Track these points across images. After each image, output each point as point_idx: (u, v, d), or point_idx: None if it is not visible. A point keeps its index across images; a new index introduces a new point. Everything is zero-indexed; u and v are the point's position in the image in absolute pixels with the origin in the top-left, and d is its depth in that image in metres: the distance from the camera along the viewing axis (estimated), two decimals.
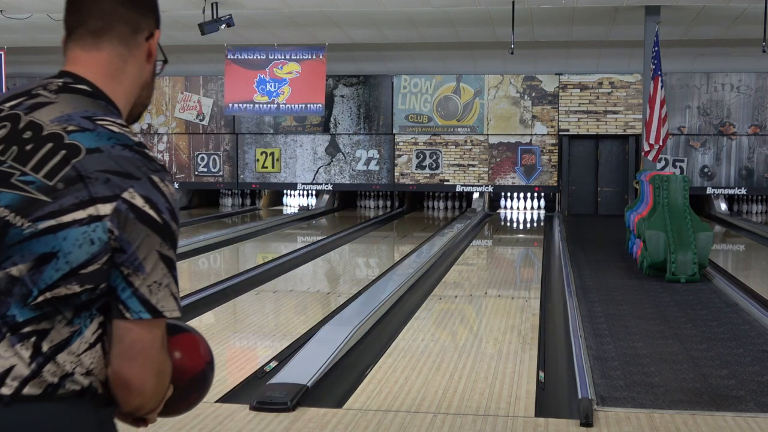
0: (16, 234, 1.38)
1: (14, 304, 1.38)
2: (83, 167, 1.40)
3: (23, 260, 1.38)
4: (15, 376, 1.38)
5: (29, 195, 1.39)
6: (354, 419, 4.22)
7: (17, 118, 1.46)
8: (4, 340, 1.38)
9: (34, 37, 14.45)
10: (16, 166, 1.42)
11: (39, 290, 1.37)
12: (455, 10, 12.09)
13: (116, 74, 1.57)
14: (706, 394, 4.71)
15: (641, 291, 8.08)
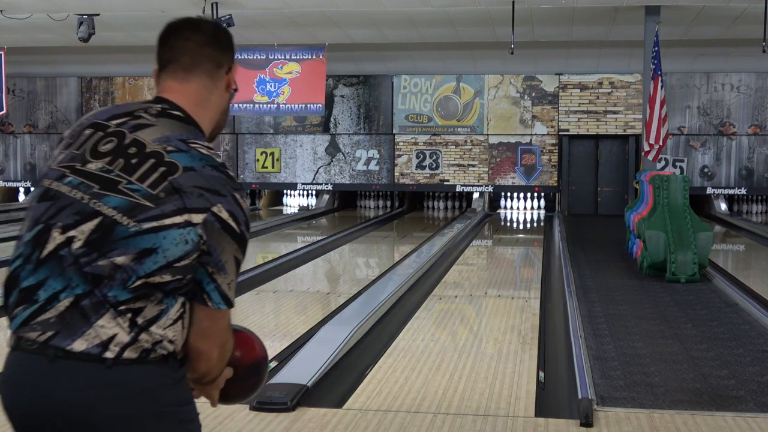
0: (122, 231, 1.71)
1: (116, 287, 1.70)
2: (180, 183, 1.73)
3: (126, 252, 1.70)
4: (117, 343, 1.70)
5: (135, 200, 1.72)
6: (354, 419, 4.22)
7: (123, 135, 1.80)
8: (107, 314, 1.70)
9: (34, 37, 14.45)
10: (123, 175, 1.75)
11: (138, 277, 1.70)
12: (455, 10, 12.09)
13: (203, 103, 1.91)
14: (706, 394, 4.71)
15: (641, 291, 8.08)
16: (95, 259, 1.70)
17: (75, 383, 1.69)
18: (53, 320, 1.71)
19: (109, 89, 18.38)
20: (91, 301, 1.70)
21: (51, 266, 1.74)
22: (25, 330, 1.73)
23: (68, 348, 1.70)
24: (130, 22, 13.20)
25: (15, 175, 18.95)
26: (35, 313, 1.73)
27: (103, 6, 11.84)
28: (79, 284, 1.71)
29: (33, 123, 18.76)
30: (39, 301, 1.73)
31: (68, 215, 1.75)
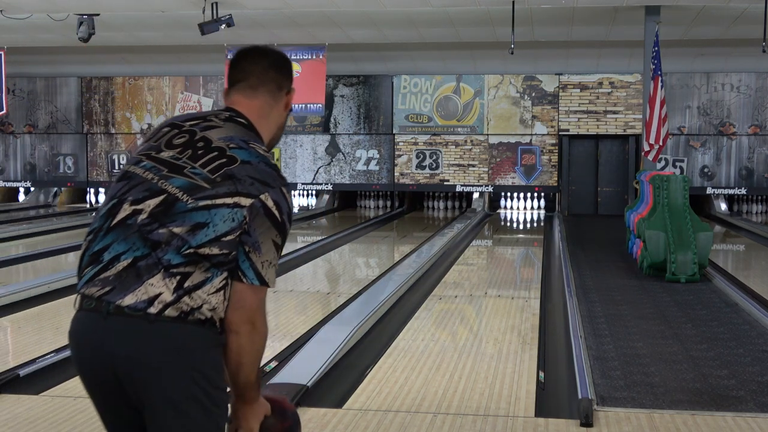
0: (182, 206, 2.00)
1: (171, 251, 1.97)
2: (235, 171, 2.03)
3: (183, 224, 1.98)
4: (161, 301, 1.95)
5: (195, 182, 2.02)
6: (354, 419, 4.21)
7: (194, 133, 2.12)
8: (159, 275, 1.96)
9: (34, 37, 14.45)
10: (189, 162, 2.06)
11: (190, 246, 1.97)
12: (455, 10, 12.09)
13: (264, 116, 2.24)
14: (706, 394, 4.71)
15: (641, 291, 8.08)
16: (156, 228, 1.98)
17: (122, 337, 1.95)
18: (112, 278, 1.99)
19: (109, 89, 18.38)
20: (147, 263, 1.97)
21: (118, 233, 2.03)
22: (87, 287, 2.03)
23: (119, 302, 1.97)
24: (130, 22, 13.20)
25: (15, 175, 18.95)
26: (98, 272, 2.02)
27: (103, 6, 11.84)
28: (140, 248, 1.99)
29: (33, 123, 18.76)
30: (103, 262, 2.02)
31: (139, 192, 2.05)
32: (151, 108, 18.22)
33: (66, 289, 7.93)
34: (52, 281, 8.04)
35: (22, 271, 9.44)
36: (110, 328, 1.97)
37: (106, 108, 18.40)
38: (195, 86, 18.04)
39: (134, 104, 18.30)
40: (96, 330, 1.99)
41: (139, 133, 18.27)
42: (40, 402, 4.49)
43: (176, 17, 12.71)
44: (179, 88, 18.08)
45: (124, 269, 1.99)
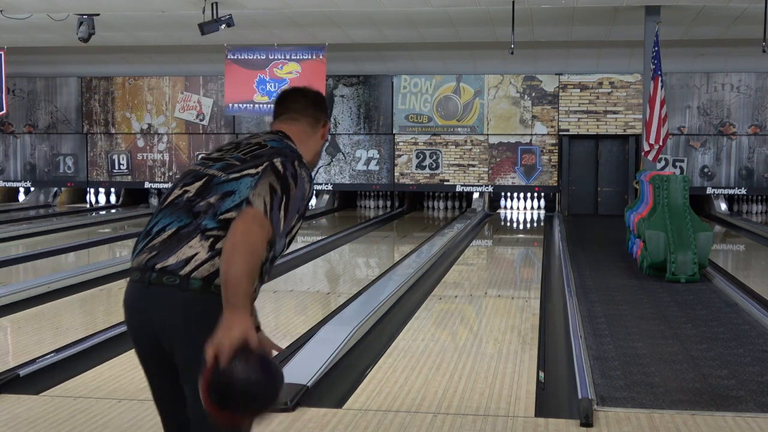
0: (217, 180, 2.44)
1: (208, 218, 2.38)
2: (262, 152, 2.48)
3: (216, 194, 2.40)
4: (197, 260, 2.34)
5: (229, 162, 2.48)
6: (354, 419, 4.22)
7: (240, 142, 2.59)
8: (196, 237, 2.36)
9: (34, 37, 14.45)
10: (230, 153, 2.53)
11: (221, 212, 2.37)
12: (455, 10, 12.09)
13: (304, 141, 2.65)
14: (706, 394, 4.71)
15: (641, 291, 8.08)
16: (199, 201, 2.41)
17: (159, 303, 2.36)
18: (158, 245, 2.40)
19: (109, 89, 18.38)
20: (188, 229, 2.38)
21: (167, 210, 2.46)
22: (137, 257, 2.45)
23: (161, 265, 2.36)
24: (130, 22, 13.20)
25: (15, 175, 18.95)
26: (147, 242, 2.43)
27: (103, 6, 11.84)
28: (183, 218, 2.40)
29: (33, 123, 18.76)
30: (152, 234, 2.44)
31: (188, 179, 2.51)
32: (151, 108, 18.22)
33: (66, 289, 7.93)
34: (52, 281, 8.04)
35: (22, 271, 9.44)
36: (151, 297, 2.37)
37: (106, 108, 18.40)
38: (195, 86, 18.04)
39: (134, 104, 18.30)
40: (140, 299, 2.40)
41: (139, 133, 18.27)
42: (40, 402, 4.49)
43: (176, 17, 12.70)
44: (179, 88, 18.08)
45: (168, 237, 2.40)
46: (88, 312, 7.27)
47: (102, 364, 5.28)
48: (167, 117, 18.17)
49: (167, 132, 18.18)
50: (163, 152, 18.23)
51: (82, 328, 6.38)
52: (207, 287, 2.34)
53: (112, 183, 18.63)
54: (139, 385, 4.81)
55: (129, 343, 5.83)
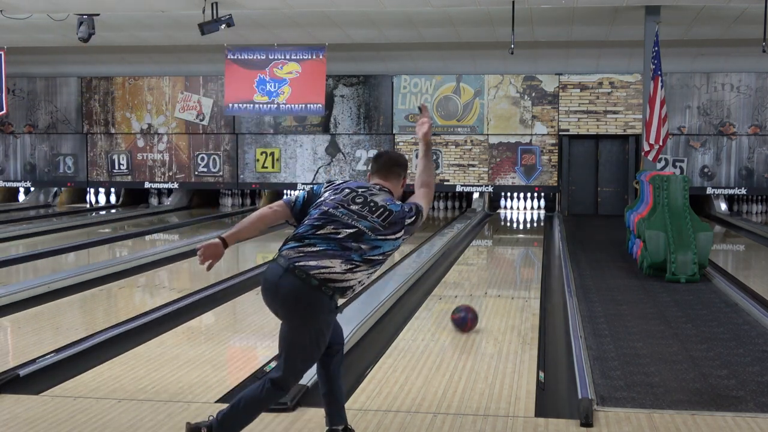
0: (367, 237, 3.58)
1: (355, 254, 3.54)
2: (394, 219, 3.64)
3: (366, 244, 3.57)
4: (330, 271, 3.50)
5: (374, 226, 3.60)
6: (354, 419, 4.22)
7: (365, 197, 3.69)
8: (339, 260, 3.52)
9: (34, 37, 14.45)
10: (369, 214, 3.62)
11: (367, 255, 3.57)
12: (455, 10, 12.09)
13: (393, 190, 3.83)
14: (706, 394, 4.71)
15: (641, 291, 8.08)
16: (350, 242, 3.55)
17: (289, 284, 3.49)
18: (303, 252, 3.52)
19: (109, 89, 18.38)
20: (334, 253, 3.52)
21: (319, 237, 3.56)
22: (287, 251, 3.55)
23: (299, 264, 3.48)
24: (130, 22, 13.20)
25: (15, 175, 18.95)
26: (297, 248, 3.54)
27: (103, 6, 11.85)
28: (334, 247, 3.53)
29: (33, 123, 18.76)
30: (303, 243, 3.55)
31: (338, 225, 3.59)
32: (151, 108, 18.22)
33: (66, 289, 7.93)
34: (52, 281, 8.05)
35: (22, 271, 9.44)
36: (285, 276, 3.48)
37: (106, 108, 18.40)
38: (195, 86, 18.04)
39: (134, 104, 18.30)
40: (275, 274, 3.51)
41: (139, 133, 18.27)
42: (40, 402, 4.49)
43: (176, 17, 12.71)
44: (179, 88, 18.08)
45: (315, 251, 3.51)
46: (88, 312, 7.28)
47: (102, 364, 5.28)
48: (167, 117, 18.17)
49: (167, 132, 18.18)
50: (163, 152, 18.23)
51: (82, 328, 6.38)
52: (320, 286, 3.48)
53: (112, 183, 18.63)
54: (139, 385, 4.81)
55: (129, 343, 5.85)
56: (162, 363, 5.34)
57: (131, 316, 6.76)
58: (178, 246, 11.39)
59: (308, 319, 3.51)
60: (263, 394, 3.52)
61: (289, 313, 3.53)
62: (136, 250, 11.34)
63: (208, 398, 4.58)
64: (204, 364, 5.33)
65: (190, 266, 10.06)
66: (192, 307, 7.19)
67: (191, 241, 11.69)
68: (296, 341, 3.53)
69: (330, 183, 3.80)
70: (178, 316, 6.83)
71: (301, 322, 3.52)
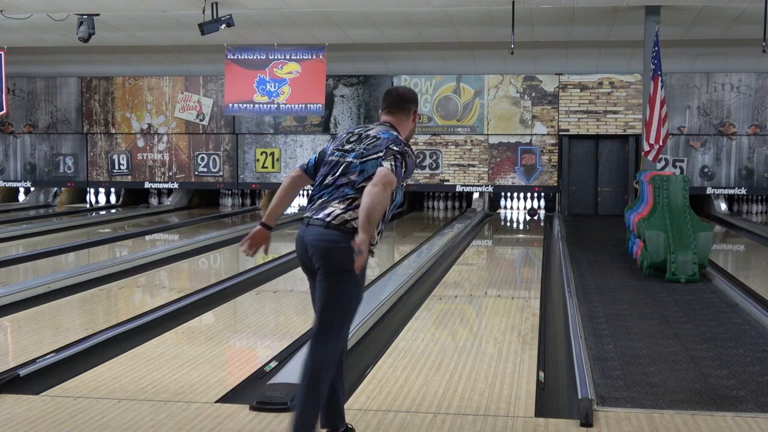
0: (354, 165, 3.70)
1: (347, 188, 3.66)
2: (379, 143, 3.73)
3: (353, 173, 3.68)
4: (334, 215, 3.61)
5: (360, 151, 3.72)
6: (354, 419, 4.22)
7: (360, 134, 3.83)
8: (337, 201, 3.64)
9: (34, 37, 14.45)
10: (357, 145, 3.76)
11: (357, 183, 3.65)
12: (455, 10, 12.09)
13: (400, 125, 3.92)
14: (706, 394, 4.71)
15: (641, 291, 8.08)
16: (340, 179, 3.68)
17: (313, 234, 3.63)
18: (316, 207, 3.69)
19: (109, 89, 18.38)
20: (333, 197, 3.66)
21: (322, 189, 3.74)
22: (307, 213, 3.71)
23: (315, 217, 3.65)
24: (130, 22, 13.20)
25: (15, 175, 18.95)
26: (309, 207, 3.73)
27: (103, 6, 11.85)
28: (332, 192, 3.68)
29: (33, 123, 18.76)
30: (315, 201, 3.72)
31: (334, 168, 3.75)
32: (151, 108, 18.22)
33: (66, 289, 7.94)
34: (52, 281, 8.05)
35: (22, 271, 9.44)
36: (308, 230, 3.66)
37: (106, 108, 18.41)
38: (195, 86, 18.04)
39: (134, 104, 18.30)
40: (304, 231, 3.68)
41: (139, 133, 18.27)
42: (40, 402, 4.49)
43: (176, 17, 12.71)
44: (179, 88, 18.08)
45: (321, 202, 3.68)
46: (88, 312, 7.28)
47: (102, 364, 5.28)
48: (167, 117, 18.17)
49: (167, 132, 18.18)
50: (163, 152, 18.23)
51: (82, 328, 6.38)
52: (338, 227, 3.59)
53: (112, 183, 18.63)
54: (139, 385, 4.82)
55: (129, 343, 5.85)
56: (162, 363, 5.34)
57: (131, 316, 6.76)
58: (178, 246, 11.39)
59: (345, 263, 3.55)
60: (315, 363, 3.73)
61: (324, 260, 3.61)
62: (136, 250, 11.34)
63: (208, 398, 4.58)
64: (204, 364, 5.33)
65: (190, 266, 10.06)
66: (192, 307, 7.19)
67: (191, 241, 11.69)
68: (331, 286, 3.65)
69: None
70: (178, 316, 6.83)
71: (339, 267, 3.59)
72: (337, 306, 3.72)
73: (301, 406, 3.60)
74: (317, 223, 3.62)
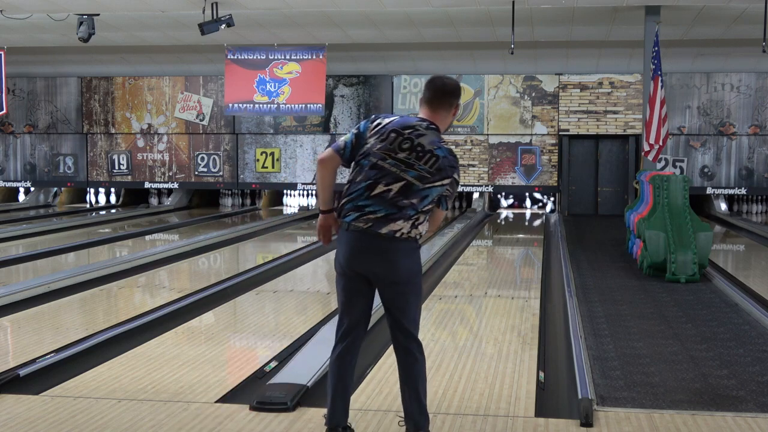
0: (416, 188, 3.63)
1: (410, 210, 3.63)
2: (441, 165, 3.66)
3: (415, 197, 3.64)
4: (401, 231, 3.63)
5: (423, 174, 3.64)
6: (354, 419, 4.21)
7: (412, 140, 3.66)
8: (401, 220, 3.62)
9: (34, 37, 14.45)
10: (416, 162, 3.64)
11: (420, 208, 3.66)
12: (455, 10, 12.09)
13: (440, 121, 3.78)
14: (706, 394, 4.71)
15: (641, 291, 8.08)
16: (402, 200, 3.62)
17: (378, 246, 3.63)
18: (371, 220, 3.61)
19: (109, 89, 18.38)
20: (396, 216, 3.61)
21: (374, 199, 3.63)
22: (355, 222, 3.63)
23: (378, 230, 3.60)
24: (130, 22, 13.20)
25: (15, 175, 18.95)
26: (361, 216, 3.63)
27: (103, 6, 11.85)
28: (390, 209, 3.61)
29: (33, 123, 18.76)
30: (364, 211, 3.62)
31: (388, 178, 3.63)
32: (151, 108, 18.23)
33: (66, 289, 7.94)
34: (52, 281, 8.05)
35: (22, 271, 9.44)
36: (370, 240, 3.62)
37: (106, 108, 18.41)
38: (195, 86, 18.04)
39: (134, 104, 18.30)
40: (360, 240, 3.63)
41: (139, 133, 18.27)
42: (40, 402, 4.49)
43: (176, 17, 12.71)
44: (179, 88, 18.08)
45: (380, 217, 3.61)
46: (88, 312, 7.28)
47: (102, 364, 5.28)
48: (167, 117, 18.18)
49: (167, 132, 18.19)
50: (163, 152, 18.23)
51: (82, 328, 6.38)
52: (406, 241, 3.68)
53: (112, 183, 18.64)
54: (139, 385, 4.82)
55: (129, 343, 5.85)
56: (162, 363, 5.34)
57: (131, 316, 6.76)
58: (178, 246, 11.39)
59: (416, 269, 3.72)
60: (421, 357, 3.75)
61: (399, 271, 3.65)
62: (136, 250, 11.34)
63: (208, 398, 4.58)
64: (204, 364, 5.33)
65: (190, 266, 10.06)
66: (192, 307, 7.19)
67: (191, 241, 11.69)
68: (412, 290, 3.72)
69: (374, 121, 3.71)
70: (178, 316, 6.83)
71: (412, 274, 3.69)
72: (419, 304, 3.81)
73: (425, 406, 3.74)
74: (384, 236, 3.61)
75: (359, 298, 3.72)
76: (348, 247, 3.66)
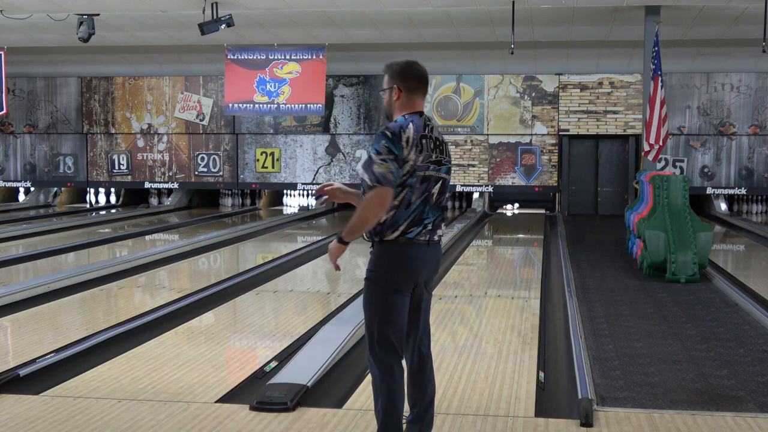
0: (447, 182, 3.66)
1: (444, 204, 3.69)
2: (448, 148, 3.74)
3: (448, 191, 3.69)
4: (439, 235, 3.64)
5: (449, 166, 3.69)
6: (354, 419, 4.21)
7: (435, 138, 3.61)
8: (443, 221, 3.69)
9: (34, 37, 14.45)
10: (442, 157, 3.63)
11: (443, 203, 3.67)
12: (455, 10, 12.09)
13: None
14: (706, 394, 4.71)
15: (641, 291, 8.08)
16: (443, 199, 3.66)
17: (436, 254, 3.64)
18: (429, 230, 3.57)
19: (109, 89, 18.38)
20: (439, 218, 3.64)
21: (430, 209, 3.59)
22: (417, 236, 3.53)
23: (433, 239, 3.59)
24: (130, 22, 13.20)
25: (15, 175, 18.95)
26: (422, 230, 3.55)
27: (103, 6, 11.85)
28: (436, 212, 3.62)
29: (33, 123, 18.76)
30: (425, 223, 3.56)
31: (431, 183, 3.57)
32: (151, 108, 18.22)
33: (66, 289, 7.93)
34: (52, 281, 8.05)
35: (22, 271, 9.44)
36: (434, 251, 3.62)
37: (106, 108, 18.41)
38: (195, 86, 18.04)
39: (134, 104, 18.30)
40: (425, 251, 3.56)
41: (139, 133, 18.27)
42: (40, 402, 4.49)
43: (176, 17, 12.71)
44: (179, 88, 18.08)
45: (433, 222, 3.59)
46: (88, 312, 7.28)
47: (102, 364, 5.28)
48: (167, 117, 18.17)
49: (167, 132, 18.19)
50: (163, 152, 18.23)
51: (82, 328, 6.38)
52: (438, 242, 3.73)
53: (112, 183, 18.64)
54: (139, 385, 4.82)
55: (129, 343, 5.85)
56: (162, 363, 5.34)
57: (131, 316, 6.76)
58: (178, 246, 11.39)
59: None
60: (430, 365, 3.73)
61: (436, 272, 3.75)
62: (136, 250, 11.34)
63: (208, 398, 4.58)
64: (204, 364, 5.33)
65: (190, 266, 10.06)
66: (192, 307, 7.19)
67: (191, 241, 11.69)
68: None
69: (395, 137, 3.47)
70: (178, 316, 6.83)
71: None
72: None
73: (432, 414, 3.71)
74: (438, 242, 3.65)
75: (406, 311, 3.59)
76: (412, 261, 3.53)
